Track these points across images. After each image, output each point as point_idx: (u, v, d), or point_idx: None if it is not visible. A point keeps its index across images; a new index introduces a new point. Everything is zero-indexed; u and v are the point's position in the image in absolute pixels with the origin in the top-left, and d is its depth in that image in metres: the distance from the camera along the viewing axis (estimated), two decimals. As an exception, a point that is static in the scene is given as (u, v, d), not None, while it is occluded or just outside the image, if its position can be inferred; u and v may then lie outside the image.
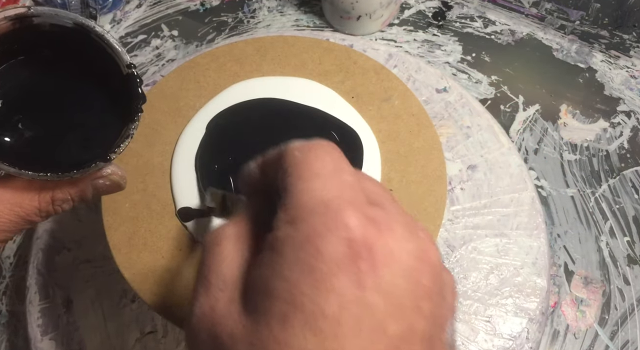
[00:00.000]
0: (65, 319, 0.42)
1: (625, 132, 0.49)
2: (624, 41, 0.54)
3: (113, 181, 0.28)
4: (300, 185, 0.18)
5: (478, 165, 0.44)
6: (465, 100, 0.46)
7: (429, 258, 0.18)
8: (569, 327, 0.42)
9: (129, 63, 0.26)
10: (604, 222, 0.46)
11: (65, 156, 0.27)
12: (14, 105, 0.27)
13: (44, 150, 0.27)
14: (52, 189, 0.26)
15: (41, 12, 0.25)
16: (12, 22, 0.25)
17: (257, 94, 0.41)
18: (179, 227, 0.37)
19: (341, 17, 0.52)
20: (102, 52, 0.26)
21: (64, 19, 0.25)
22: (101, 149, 0.26)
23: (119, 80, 0.26)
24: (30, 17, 0.25)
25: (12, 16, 0.24)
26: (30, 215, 0.26)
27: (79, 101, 0.28)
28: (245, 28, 0.57)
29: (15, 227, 0.26)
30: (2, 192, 0.25)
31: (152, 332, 0.41)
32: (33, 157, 0.26)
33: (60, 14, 0.25)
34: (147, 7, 0.59)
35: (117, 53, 0.26)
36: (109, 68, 0.26)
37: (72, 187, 0.27)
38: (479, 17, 0.55)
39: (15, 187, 0.25)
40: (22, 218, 0.26)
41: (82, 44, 0.26)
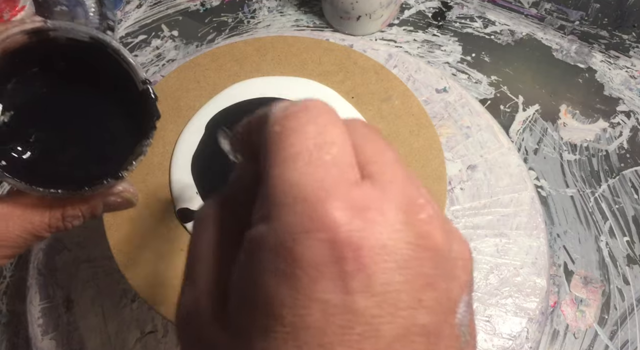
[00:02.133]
0: (65, 319, 0.42)
1: (624, 132, 0.49)
2: (624, 41, 0.54)
3: (124, 198, 0.27)
4: (274, 171, 0.16)
5: (478, 165, 0.44)
6: (465, 100, 0.46)
7: (431, 242, 0.16)
8: (569, 327, 0.42)
9: (145, 79, 0.26)
10: (604, 222, 0.46)
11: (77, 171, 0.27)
12: (26, 118, 0.26)
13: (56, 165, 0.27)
14: (62, 206, 0.26)
15: (58, 26, 0.25)
16: (28, 35, 0.24)
17: (257, 93, 0.41)
18: (179, 227, 0.37)
19: (341, 18, 0.52)
20: (117, 66, 0.26)
21: (81, 33, 0.25)
22: (113, 165, 0.26)
23: (134, 96, 0.26)
24: (47, 31, 0.25)
25: (29, 30, 0.24)
26: (40, 231, 0.25)
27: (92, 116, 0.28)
28: (245, 28, 0.57)
29: (24, 242, 0.25)
30: (12, 209, 0.25)
31: (153, 332, 0.41)
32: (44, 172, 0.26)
33: (77, 28, 0.25)
34: (147, 7, 0.59)
35: (133, 68, 0.25)
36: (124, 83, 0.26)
37: (83, 203, 0.26)
38: (479, 17, 0.55)
39: (25, 203, 0.25)
40: (32, 234, 0.25)
41: (98, 58, 0.26)
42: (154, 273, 0.36)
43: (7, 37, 0.24)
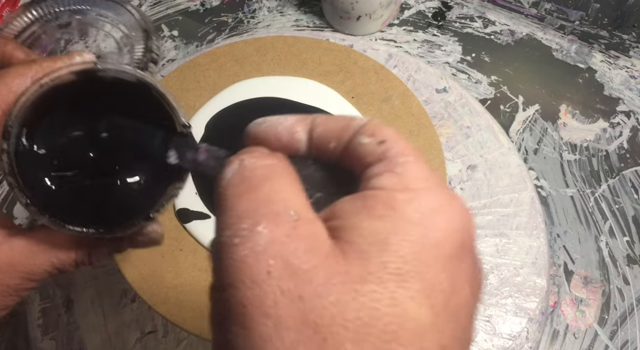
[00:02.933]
0: (65, 318, 0.42)
1: (624, 132, 0.49)
2: (624, 41, 0.54)
3: (152, 238, 0.27)
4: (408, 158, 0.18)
5: (478, 165, 0.44)
6: (465, 100, 0.46)
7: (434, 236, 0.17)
8: (569, 326, 0.42)
9: (185, 123, 0.26)
10: (604, 222, 0.46)
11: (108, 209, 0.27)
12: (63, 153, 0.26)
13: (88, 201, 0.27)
14: (90, 244, 0.26)
15: (106, 67, 0.25)
16: (77, 75, 0.25)
17: (257, 93, 0.41)
18: (179, 227, 0.37)
19: (341, 17, 0.52)
20: (159, 108, 0.26)
21: (128, 75, 0.25)
22: (144, 206, 0.26)
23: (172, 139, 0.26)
24: (96, 72, 0.25)
25: (78, 71, 0.24)
26: (65, 266, 0.26)
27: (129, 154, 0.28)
28: (245, 28, 0.57)
29: (49, 276, 0.26)
30: (39, 244, 0.25)
31: (153, 332, 0.41)
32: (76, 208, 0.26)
33: (125, 70, 0.25)
34: (147, 7, 0.59)
35: (175, 112, 0.26)
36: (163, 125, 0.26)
37: (110, 242, 0.26)
38: (479, 17, 0.55)
39: (54, 238, 0.25)
40: (57, 269, 0.25)
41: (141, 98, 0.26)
42: (154, 273, 0.36)
43: (57, 77, 0.24)
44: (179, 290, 0.35)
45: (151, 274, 0.35)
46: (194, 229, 0.37)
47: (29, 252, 0.25)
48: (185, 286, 0.35)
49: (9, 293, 0.25)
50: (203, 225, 0.37)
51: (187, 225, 0.37)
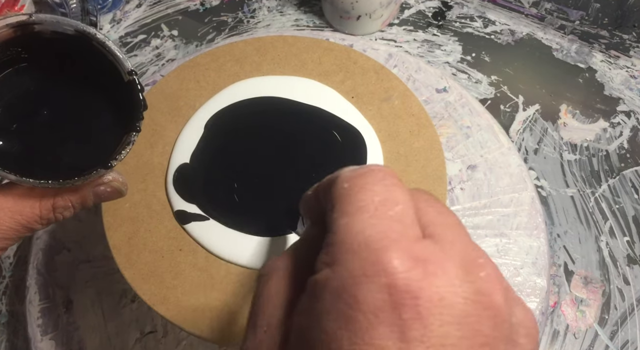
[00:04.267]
0: (65, 319, 0.42)
1: (625, 132, 0.49)
2: (624, 41, 0.54)
3: (114, 187, 0.28)
4: (342, 221, 0.17)
5: (478, 165, 0.44)
6: (465, 100, 0.46)
7: (491, 301, 0.16)
8: (569, 327, 0.42)
9: (131, 70, 0.26)
10: (604, 222, 0.46)
11: (66, 163, 0.27)
12: (14, 112, 0.27)
13: (45, 157, 0.27)
14: (53, 196, 0.26)
15: (42, 19, 0.25)
16: (13, 29, 0.25)
17: (257, 93, 0.41)
18: (178, 227, 0.37)
19: (341, 17, 0.52)
20: (103, 58, 0.26)
21: (65, 26, 0.25)
22: (102, 156, 0.26)
23: (121, 87, 0.26)
24: (32, 24, 0.25)
25: (14, 24, 0.25)
26: (31, 222, 0.26)
27: (79, 108, 0.28)
28: (245, 28, 0.57)
29: (15, 234, 0.26)
30: (2, 200, 0.25)
31: (152, 332, 0.41)
32: (33, 164, 0.26)
33: (61, 21, 0.25)
34: (147, 6, 0.59)
35: (119, 60, 0.26)
36: (110, 75, 0.26)
37: (73, 194, 0.26)
38: (479, 17, 0.55)
39: (16, 194, 0.25)
40: (23, 226, 0.26)
41: (84, 51, 0.26)
42: (154, 273, 0.36)
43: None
44: (178, 290, 0.35)
45: (151, 274, 0.35)
46: (193, 230, 0.37)
47: None
48: (185, 286, 0.35)
49: None
50: (202, 226, 0.37)
51: (186, 226, 0.37)
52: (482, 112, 0.46)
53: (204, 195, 0.38)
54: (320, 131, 0.39)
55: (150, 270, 0.36)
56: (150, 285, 0.35)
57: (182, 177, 0.38)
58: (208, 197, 0.37)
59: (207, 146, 0.39)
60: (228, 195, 0.37)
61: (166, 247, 0.36)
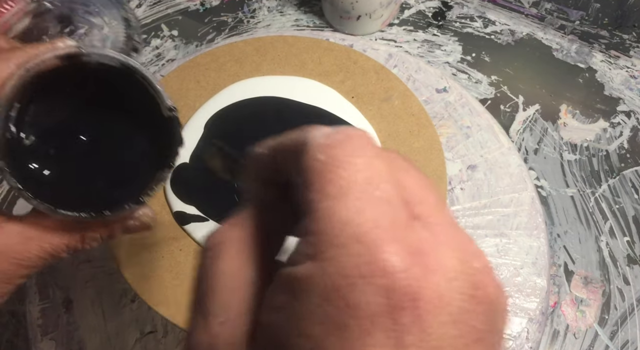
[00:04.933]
0: (65, 319, 0.42)
1: (625, 132, 0.49)
2: (624, 41, 0.54)
3: (143, 222, 0.27)
4: (324, 204, 0.14)
5: (478, 165, 0.44)
6: (465, 100, 0.46)
7: (486, 295, 0.15)
8: (569, 327, 0.42)
9: (171, 106, 0.26)
10: (604, 222, 0.46)
11: (98, 194, 0.27)
12: (51, 139, 0.27)
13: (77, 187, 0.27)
14: (82, 228, 0.26)
15: (91, 52, 0.25)
16: (61, 59, 0.25)
17: (257, 93, 0.41)
18: (179, 227, 0.37)
19: (341, 17, 0.52)
20: (144, 92, 0.26)
21: (112, 59, 0.25)
22: (133, 189, 0.26)
23: (158, 122, 0.26)
24: (80, 56, 0.25)
25: (62, 55, 0.25)
26: (59, 252, 0.26)
27: (116, 139, 0.28)
28: (245, 28, 0.57)
29: (42, 262, 0.25)
30: (32, 229, 0.25)
31: (152, 332, 0.41)
32: (65, 193, 0.26)
33: (109, 54, 0.25)
34: (147, 7, 0.59)
35: (160, 95, 0.26)
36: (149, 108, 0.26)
37: (102, 226, 0.26)
38: (479, 17, 0.55)
39: (46, 224, 0.25)
40: (50, 254, 0.25)
41: (125, 83, 0.26)
42: (154, 273, 0.36)
43: (42, 62, 0.24)
44: (178, 290, 0.35)
45: (151, 274, 0.35)
46: (193, 231, 0.37)
47: (21, 237, 0.25)
48: (185, 286, 0.35)
49: (3, 280, 0.25)
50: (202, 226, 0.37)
51: (186, 227, 0.37)
52: (482, 112, 0.46)
53: (203, 196, 0.37)
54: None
55: (150, 270, 0.36)
56: (150, 285, 0.35)
57: (180, 178, 0.38)
58: (207, 197, 0.37)
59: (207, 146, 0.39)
60: (228, 196, 0.37)
61: (166, 247, 0.36)
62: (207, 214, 0.37)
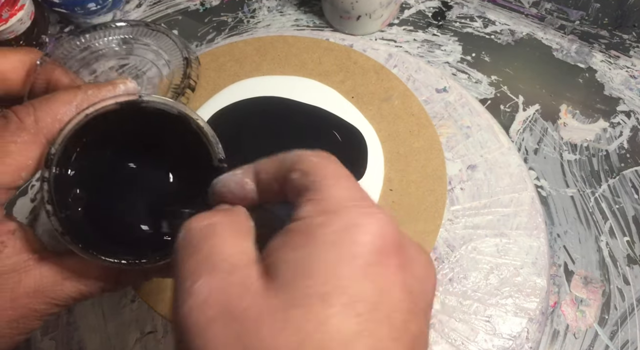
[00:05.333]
0: (65, 319, 0.42)
1: (625, 132, 0.49)
2: (624, 41, 0.54)
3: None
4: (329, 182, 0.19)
5: (478, 165, 0.44)
6: (465, 100, 0.46)
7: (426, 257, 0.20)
8: (569, 327, 0.42)
9: (222, 158, 0.26)
10: (604, 222, 0.46)
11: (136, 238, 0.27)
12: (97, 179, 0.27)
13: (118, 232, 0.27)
14: (118, 273, 0.26)
15: (150, 100, 0.25)
16: (120, 105, 0.25)
17: (257, 93, 0.41)
18: (179, 227, 0.37)
19: (341, 17, 0.52)
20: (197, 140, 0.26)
21: (171, 108, 0.25)
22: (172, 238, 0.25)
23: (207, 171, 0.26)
24: (140, 103, 0.25)
25: (123, 102, 0.25)
26: (92, 293, 0.26)
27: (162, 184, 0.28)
28: (245, 28, 0.57)
29: (74, 302, 0.26)
30: (69, 271, 0.25)
31: (152, 332, 0.41)
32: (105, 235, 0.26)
33: (167, 103, 0.25)
34: (147, 6, 0.59)
35: (212, 146, 0.26)
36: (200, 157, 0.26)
37: (137, 272, 0.26)
38: (479, 17, 0.55)
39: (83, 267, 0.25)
40: (83, 295, 0.25)
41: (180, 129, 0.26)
42: (154, 273, 0.35)
43: (102, 107, 0.24)
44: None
45: (151, 274, 0.35)
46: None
47: (58, 278, 0.25)
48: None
49: (35, 317, 0.25)
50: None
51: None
52: (482, 112, 0.46)
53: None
54: (320, 131, 0.39)
55: (150, 270, 0.36)
56: (150, 285, 0.35)
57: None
58: None
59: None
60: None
61: (166, 247, 0.36)
62: None
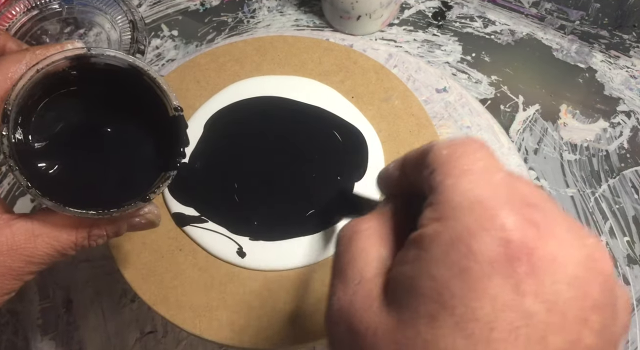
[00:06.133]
0: (65, 319, 0.42)
1: (625, 132, 0.49)
2: (624, 41, 0.54)
3: (148, 219, 0.28)
4: (449, 182, 0.17)
5: (478, 165, 0.44)
6: (465, 100, 0.46)
7: (600, 267, 0.16)
8: (569, 327, 0.42)
9: (177, 106, 0.26)
10: (604, 222, 0.46)
11: (104, 191, 0.27)
12: (59, 139, 0.27)
13: (84, 184, 0.27)
14: (89, 225, 0.26)
15: (99, 53, 0.26)
16: (70, 60, 0.25)
17: (257, 93, 0.41)
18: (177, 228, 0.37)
19: (341, 17, 0.52)
20: (151, 92, 0.27)
21: (120, 60, 0.26)
22: (140, 188, 0.26)
23: (165, 122, 0.27)
24: (89, 57, 0.25)
25: (72, 56, 0.25)
26: (66, 249, 0.26)
27: (123, 139, 0.28)
28: (245, 28, 0.57)
29: (50, 259, 0.26)
30: (41, 227, 0.25)
31: (152, 332, 0.41)
32: (72, 190, 0.26)
33: (117, 55, 0.26)
34: (147, 7, 0.59)
35: (167, 95, 0.26)
36: (156, 108, 0.27)
37: (109, 224, 0.27)
38: (479, 17, 0.55)
39: (54, 221, 0.26)
40: (58, 251, 0.26)
41: (133, 83, 0.26)
42: (154, 273, 0.36)
43: (52, 62, 0.25)
44: (178, 290, 0.35)
45: (151, 274, 0.35)
46: (192, 231, 0.37)
47: (30, 235, 0.25)
48: (185, 286, 0.35)
49: (12, 276, 0.25)
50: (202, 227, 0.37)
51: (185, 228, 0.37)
52: (482, 112, 0.46)
53: (202, 197, 0.37)
54: (320, 131, 0.39)
55: (150, 270, 0.36)
56: (150, 285, 0.35)
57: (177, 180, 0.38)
58: (206, 199, 0.37)
59: (206, 146, 0.39)
60: (228, 196, 0.37)
61: (166, 247, 0.36)
62: (206, 216, 0.37)
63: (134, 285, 0.35)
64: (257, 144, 0.39)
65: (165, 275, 0.35)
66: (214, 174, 0.38)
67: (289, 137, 0.39)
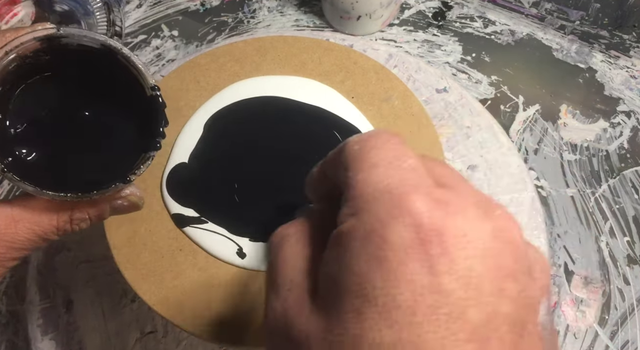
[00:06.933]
0: (65, 319, 0.42)
1: (625, 132, 0.49)
2: (624, 41, 0.54)
3: (131, 202, 0.28)
4: (360, 176, 0.18)
5: (478, 165, 0.44)
6: (465, 100, 0.46)
7: (509, 237, 0.17)
8: (569, 327, 0.42)
9: (153, 85, 0.26)
10: (604, 222, 0.46)
11: (85, 175, 0.27)
12: (36, 123, 0.27)
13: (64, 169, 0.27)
14: (70, 209, 0.26)
15: (70, 33, 0.25)
16: (40, 41, 0.25)
17: (257, 93, 0.41)
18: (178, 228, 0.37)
19: (341, 17, 0.52)
20: (127, 73, 0.26)
21: (92, 40, 0.25)
22: (121, 170, 0.26)
23: (142, 102, 0.26)
24: (59, 37, 0.25)
25: (41, 37, 0.25)
26: (48, 233, 0.26)
27: (102, 121, 0.28)
28: (245, 28, 0.57)
29: (32, 245, 0.26)
30: (21, 211, 0.25)
31: (152, 332, 0.41)
32: (52, 176, 0.26)
33: (88, 35, 0.25)
34: (147, 7, 0.59)
35: (142, 75, 0.26)
36: (132, 89, 0.26)
37: (90, 206, 0.27)
38: (479, 17, 0.55)
39: (34, 206, 0.25)
40: (40, 236, 0.26)
41: (108, 64, 0.26)
42: (154, 273, 0.36)
43: (21, 43, 0.24)
44: (178, 290, 0.35)
45: (151, 274, 0.35)
46: (191, 232, 0.37)
47: (10, 220, 0.25)
48: (185, 286, 0.35)
49: None
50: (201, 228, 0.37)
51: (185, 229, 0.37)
52: (482, 112, 0.46)
53: (201, 197, 0.37)
54: (320, 131, 0.39)
55: (150, 270, 0.36)
56: (150, 285, 0.35)
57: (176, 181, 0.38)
58: (206, 199, 0.37)
59: (206, 146, 0.39)
60: (227, 196, 0.37)
61: (166, 247, 0.36)
62: (206, 217, 0.37)
63: (134, 285, 0.35)
64: (257, 144, 0.39)
65: (165, 276, 0.35)
66: (213, 175, 0.38)
67: (289, 138, 0.39)
